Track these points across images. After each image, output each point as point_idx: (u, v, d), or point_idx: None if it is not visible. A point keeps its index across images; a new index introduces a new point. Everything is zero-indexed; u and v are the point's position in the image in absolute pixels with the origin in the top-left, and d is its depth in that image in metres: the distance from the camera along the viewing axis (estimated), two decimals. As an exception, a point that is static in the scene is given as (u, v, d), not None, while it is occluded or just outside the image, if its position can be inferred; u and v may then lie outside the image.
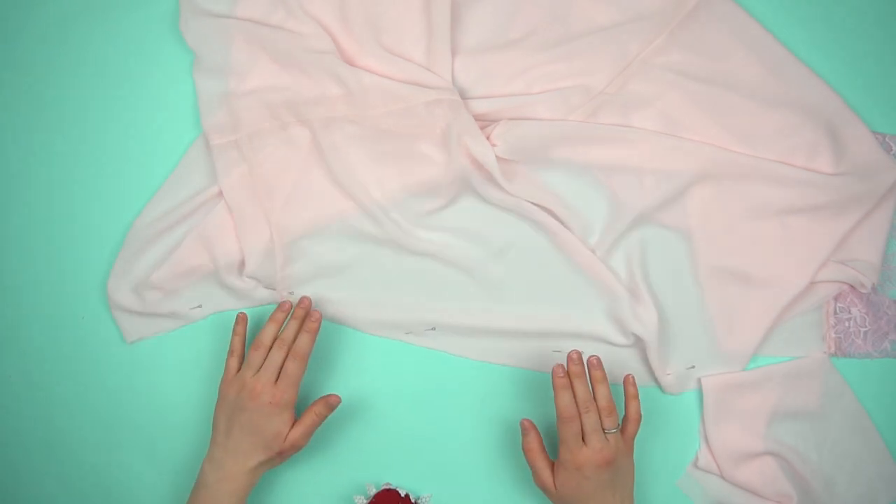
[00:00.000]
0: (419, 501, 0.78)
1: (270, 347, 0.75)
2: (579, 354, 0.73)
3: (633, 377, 0.74)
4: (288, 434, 0.73)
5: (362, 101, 0.79)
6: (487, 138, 0.78)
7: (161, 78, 0.83)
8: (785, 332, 0.79)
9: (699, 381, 0.79)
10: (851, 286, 0.79)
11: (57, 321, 0.82)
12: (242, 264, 0.80)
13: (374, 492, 0.77)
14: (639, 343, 0.79)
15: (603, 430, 0.70)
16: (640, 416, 0.73)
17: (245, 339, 0.77)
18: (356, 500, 0.77)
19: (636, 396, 0.73)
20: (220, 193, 0.80)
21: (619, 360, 0.80)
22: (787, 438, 0.78)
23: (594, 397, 0.71)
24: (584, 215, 0.80)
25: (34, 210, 0.83)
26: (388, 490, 0.77)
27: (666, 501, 0.79)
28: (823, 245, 0.78)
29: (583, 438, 0.70)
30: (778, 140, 0.79)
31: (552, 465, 0.72)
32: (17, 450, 0.82)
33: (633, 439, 0.72)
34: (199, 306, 0.81)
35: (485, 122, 0.79)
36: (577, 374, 0.72)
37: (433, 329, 0.81)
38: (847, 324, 0.79)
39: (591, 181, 0.80)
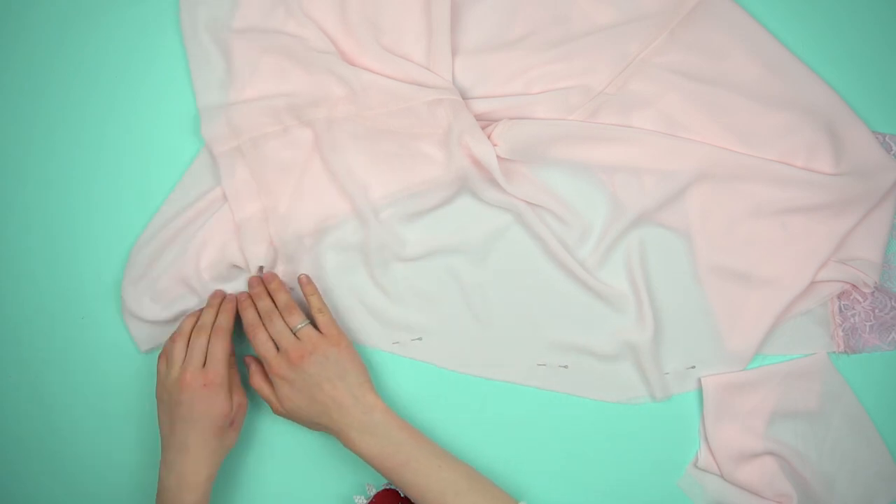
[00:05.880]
0: (419, 501, 0.78)
1: (188, 337, 0.75)
2: (256, 278, 0.78)
3: (306, 276, 0.79)
4: (233, 405, 0.74)
5: (363, 101, 0.79)
6: (488, 138, 0.78)
7: (161, 76, 0.83)
8: (789, 330, 0.79)
9: (699, 380, 0.79)
10: (853, 285, 0.79)
11: (57, 322, 0.82)
12: (247, 265, 0.80)
13: (373, 492, 0.78)
14: (629, 353, 0.79)
15: (294, 329, 0.73)
16: (323, 305, 0.76)
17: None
18: (356, 500, 0.77)
19: (314, 293, 0.77)
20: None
21: (607, 370, 0.80)
22: (787, 438, 0.78)
23: (276, 302, 0.75)
24: (585, 215, 0.80)
25: (33, 211, 0.82)
26: (388, 490, 0.77)
27: (666, 501, 0.79)
28: (824, 245, 0.78)
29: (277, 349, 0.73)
30: (778, 140, 0.79)
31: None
32: (17, 449, 0.82)
33: (334, 328, 0.75)
34: None
35: (485, 122, 0.79)
36: (257, 294, 0.76)
37: (419, 339, 0.81)
38: (853, 320, 0.79)
39: (591, 181, 0.80)
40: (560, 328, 0.80)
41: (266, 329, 0.74)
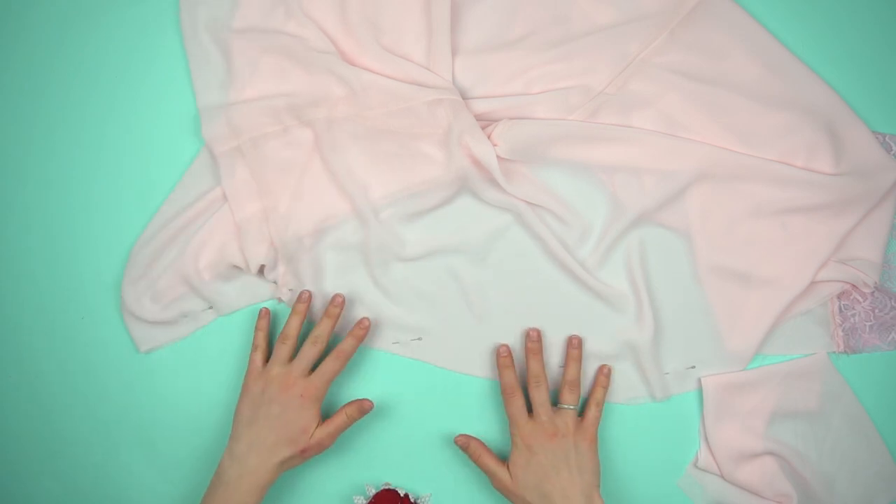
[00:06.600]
0: (419, 501, 0.78)
1: (296, 340, 0.75)
2: (538, 333, 0.76)
3: (609, 368, 0.76)
4: (314, 431, 0.72)
5: (363, 101, 0.79)
6: (488, 138, 0.78)
7: (161, 76, 0.83)
8: (789, 330, 0.79)
9: (699, 380, 0.79)
10: (853, 285, 0.79)
11: (57, 322, 0.82)
12: (247, 265, 0.80)
13: (373, 492, 0.78)
14: (629, 353, 0.79)
15: (561, 405, 0.72)
16: (602, 403, 0.75)
17: (268, 335, 0.77)
18: (356, 501, 0.77)
19: (605, 386, 0.76)
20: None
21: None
22: (787, 438, 0.78)
23: (565, 371, 0.74)
24: (585, 215, 0.80)
25: (33, 211, 0.83)
26: (388, 490, 0.77)
27: (666, 501, 0.79)
28: (824, 245, 0.78)
29: (531, 415, 0.71)
30: (778, 140, 0.79)
31: (505, 463, 0.73)
32: (17, 449, 0.82)
33: (593, 426, 0.74)
34: (210, 308, 0.81)
35: (485, 122, 0.79)
36: (533, 350, 0.75)
37: (419, 339, 0.81)
38: (853, 320, 0.79)
39: (591, 181, 0.80)
40: (560, 328, 0.80)
41: (525, 390, 0.73)
